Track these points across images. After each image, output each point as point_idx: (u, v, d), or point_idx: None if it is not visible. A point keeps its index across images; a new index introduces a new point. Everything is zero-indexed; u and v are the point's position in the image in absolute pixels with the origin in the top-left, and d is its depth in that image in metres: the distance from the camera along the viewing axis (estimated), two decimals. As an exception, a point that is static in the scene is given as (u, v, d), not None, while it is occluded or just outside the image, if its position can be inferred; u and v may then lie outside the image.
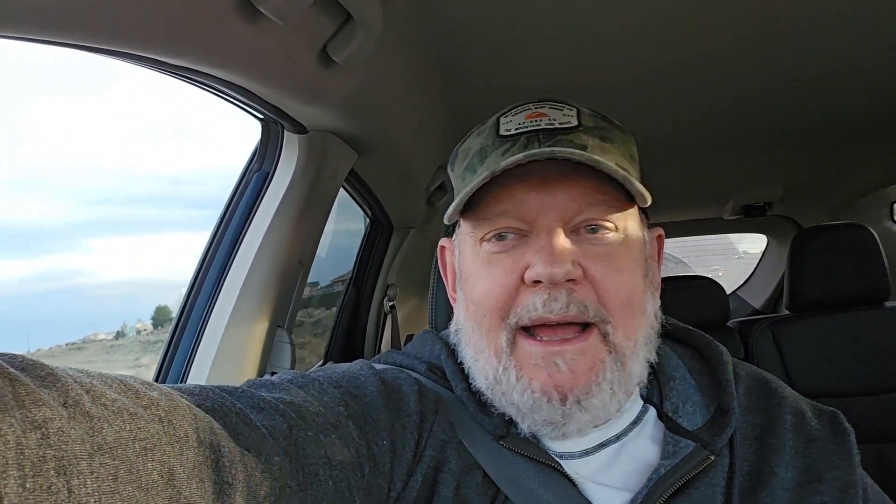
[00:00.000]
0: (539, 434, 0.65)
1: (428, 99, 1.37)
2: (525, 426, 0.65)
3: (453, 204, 0.65)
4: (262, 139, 1.17)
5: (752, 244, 3.56)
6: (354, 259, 1.93)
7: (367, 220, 1.92)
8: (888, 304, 1.87)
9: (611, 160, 0.63)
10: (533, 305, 0.61)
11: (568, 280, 0.61)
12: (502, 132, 0.67)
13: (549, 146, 0.63)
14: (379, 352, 1.98)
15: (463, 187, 0.66)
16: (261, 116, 1.10)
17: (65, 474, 0.34)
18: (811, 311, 1.88)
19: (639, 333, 0.65)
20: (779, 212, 2.73)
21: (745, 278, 3.34)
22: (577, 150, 0.61)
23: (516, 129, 0.66)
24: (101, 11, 0.55)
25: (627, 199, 0.64)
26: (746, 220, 2.72)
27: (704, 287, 1.97)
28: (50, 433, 0.35)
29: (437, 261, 0.96)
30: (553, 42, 1.16)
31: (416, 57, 1.15)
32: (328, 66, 0.93)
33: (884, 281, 1.82)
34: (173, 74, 0.82)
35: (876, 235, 1.85)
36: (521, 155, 0.61)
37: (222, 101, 0.99)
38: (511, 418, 0.66)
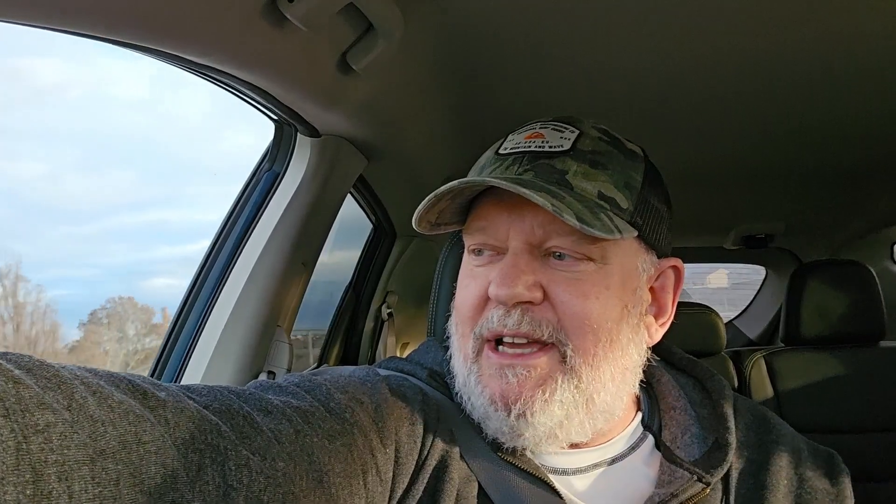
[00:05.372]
0: (499, 440, 0.65)
1: (441, 111, 1.39)
2: (489, 432, 0.65)
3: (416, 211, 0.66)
4: (274, 140, 1.18)
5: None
6: (355, 263, 1.94)
7: (371, 226, 1.93)
8: (883, 343, 1.88)
9: (594, 187, 0.62)
10: (490, 319, 0.63)
11: (524, 302, 0.62)
12: (500, 150, 0.68)
13: (528, 170, 0.64)
14: (373, 358, 1.98)
15: None
16: (275, 118, 1.11)
17: (66, 479, 0.34)
18: (806, 346, 1.89)
19: (605, 363, 0.63)
20: (780, 245, 2.74)
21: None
22: (529, 187, 0.58)
23: (511, 149, 0.67)
24: (131, 8, 0.57)
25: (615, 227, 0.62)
26: (747, 251, 2.73)
27: (701, 314, 1.98)
28: (52, 438, 0.35)
29: (440, 270, 0.97)
30: (569, 65, 1.18)
31: (433, 70, 1.17)
32: (346, 72, 0.95)
33: (879, 320, 1.83)
34: (194, 72, 0.83)
35: (875, 274, 1.86)
36: (468, 180, 0.62)
37: (239, 100, 1.00)
38: None
